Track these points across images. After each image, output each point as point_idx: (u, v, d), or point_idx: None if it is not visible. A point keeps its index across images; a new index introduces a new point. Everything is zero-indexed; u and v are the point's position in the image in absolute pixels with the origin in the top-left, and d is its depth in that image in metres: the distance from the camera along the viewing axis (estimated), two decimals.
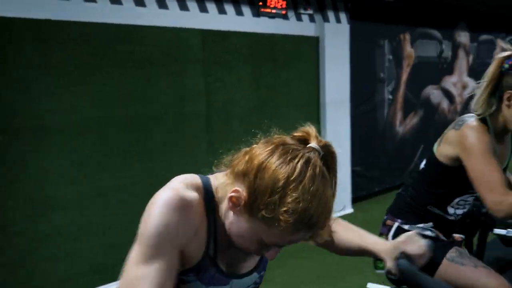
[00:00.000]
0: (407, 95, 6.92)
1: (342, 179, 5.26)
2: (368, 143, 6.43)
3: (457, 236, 2.05)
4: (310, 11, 5.53)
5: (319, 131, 5.78)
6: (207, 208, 1.12)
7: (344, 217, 1.57)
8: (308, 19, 5.55)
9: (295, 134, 1.10)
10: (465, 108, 7.91)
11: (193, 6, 4.43)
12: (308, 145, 1.05)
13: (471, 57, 7.98)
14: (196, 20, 4.46)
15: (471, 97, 1.97)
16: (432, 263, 1.82)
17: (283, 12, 5.22)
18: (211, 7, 4.58)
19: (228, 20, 4.74)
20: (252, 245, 1.08)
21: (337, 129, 5.80)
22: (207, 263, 1.13)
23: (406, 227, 1.97)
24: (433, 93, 7.38)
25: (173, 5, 4.29)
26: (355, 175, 6.20)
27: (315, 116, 5.69)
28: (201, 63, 4.50)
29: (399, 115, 6.84)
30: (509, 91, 1.82)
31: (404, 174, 6.91)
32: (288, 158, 1.01)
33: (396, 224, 1.99)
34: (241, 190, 1.03)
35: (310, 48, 5.61)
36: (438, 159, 1.94)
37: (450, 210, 2.02)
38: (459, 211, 2.05)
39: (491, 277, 1.79)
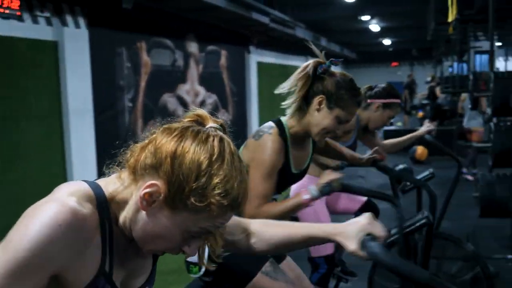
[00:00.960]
0: (146, 102, 6.99)
1: None
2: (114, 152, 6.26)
3: None
4: (47, 14, 5.12)
5: (62, 142, 5.36)
6: (101, 220, 0.98)
7: None
8: (45, 22, 5.12)
9: (188, 119, 1.03)
10: None
11: None
12: (209, 126, 1.00)
13: (200, 66, 8.49)
14: None
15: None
16: (246, 275, 1.86)
17: (18, 13, 4.71)
18: None
19: None
20: (173, 242, 0.98)
21: (82, 138, 5.49)
22: (102, 282, 0.98)
23: None
24: (169, 100, 7.62)
25: None
26: None
27: (58, 127, 5.28)
28: None
29: (140, 123, 6.85)
30: (321, 96, 1.91)
31: None
32: (203, 138, 0.95)
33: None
34: (158, 183, 0.93)
35: (49, 53, 5.19)
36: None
37: None
38: None
39: None
